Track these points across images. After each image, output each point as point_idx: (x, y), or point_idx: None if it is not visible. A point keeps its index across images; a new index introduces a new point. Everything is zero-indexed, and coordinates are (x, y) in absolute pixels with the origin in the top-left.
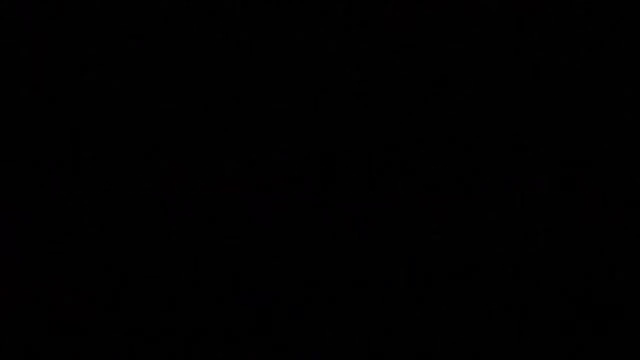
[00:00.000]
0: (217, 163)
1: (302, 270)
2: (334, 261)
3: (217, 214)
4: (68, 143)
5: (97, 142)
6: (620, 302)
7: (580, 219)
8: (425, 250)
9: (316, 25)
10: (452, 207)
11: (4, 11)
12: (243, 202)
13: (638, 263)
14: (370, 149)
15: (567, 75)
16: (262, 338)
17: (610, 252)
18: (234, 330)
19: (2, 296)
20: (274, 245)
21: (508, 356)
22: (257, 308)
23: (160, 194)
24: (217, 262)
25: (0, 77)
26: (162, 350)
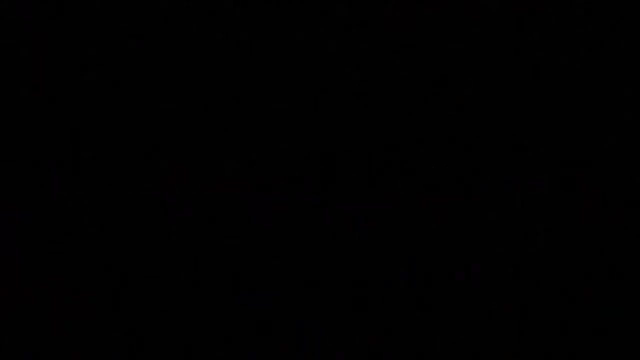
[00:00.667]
0: (217, 163)
1: (302, 270)
2: (334, 261)
3: (217, 213)
4: (68, 143)
5: (97, 142)
6: (620, 302)
7: (581, 219)
8: (425, 250)
9: (316, 25)
10: (452, 207)
11: (4, 11)
12: (243, 202)
13: (638, 263)
14: (370, 149)
15: (567, 75)
16: (262, 338)
17: (610, 252)
18: (234, 330)
19: (2, 296)
20: (274, 245)
21: (508, 356)
22: (257, 308)
23: (160, 194)
24: (217, 262)
25: (0, 77)
26: (162, 350)
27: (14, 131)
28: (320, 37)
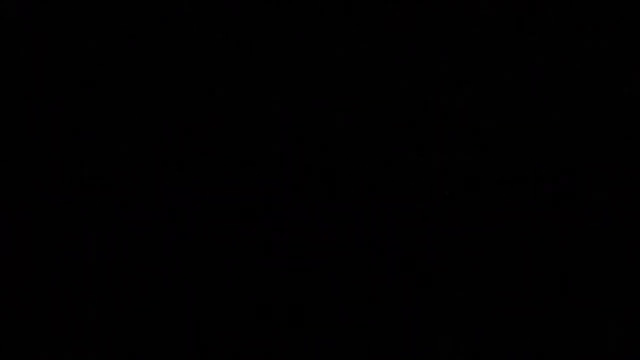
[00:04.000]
0: (217, 163)
1: (302, 270)
2: (334, 261)
3: (217, 213)
4: (68, 143)
5: (97, 142)
6: (619, 302)
7: (581, 219)
8: (425, 250)
9: (316, 26)
10: (452, 207)
11: (4, 11)
12: (243, 202)
13: (638, 263)
14: (370, 149)
15: (567, 76)
16: (262, 337)
17: (610, 252)
18: (234, 330)
19: (2, 296)
20: (274, 245)
21: (507, 356)
22: (258, 308)
23: (160, 193)
24: (217, 262)
25: (0, 77)
26: (162, 350)
27: (14, 131)
28: (321, 38)
